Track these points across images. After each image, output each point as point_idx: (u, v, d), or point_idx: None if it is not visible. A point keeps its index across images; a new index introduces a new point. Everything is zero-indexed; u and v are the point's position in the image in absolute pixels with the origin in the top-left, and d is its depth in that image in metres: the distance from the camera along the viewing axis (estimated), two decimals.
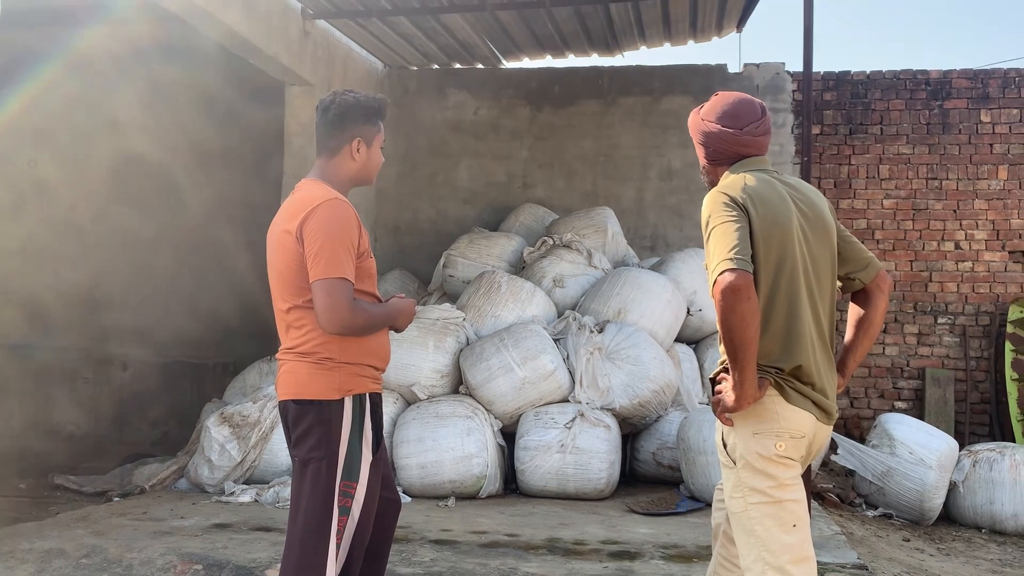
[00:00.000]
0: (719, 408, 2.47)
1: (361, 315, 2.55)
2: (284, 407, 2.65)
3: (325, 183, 2.67)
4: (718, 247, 2.38)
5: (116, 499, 5.73)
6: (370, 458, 2.60)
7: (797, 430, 2.45)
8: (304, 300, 2.58)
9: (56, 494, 6.26)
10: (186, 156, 8.21)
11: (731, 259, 2.33)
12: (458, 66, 8.43)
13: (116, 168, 8.29)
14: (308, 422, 2.57)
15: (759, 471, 2.43)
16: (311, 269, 2.52)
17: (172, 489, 5.87)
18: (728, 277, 2.32)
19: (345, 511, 2.55)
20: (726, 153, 2.61)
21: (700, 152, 2.70)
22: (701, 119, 2.66)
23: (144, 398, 8.05)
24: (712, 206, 2.47)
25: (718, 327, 2.41)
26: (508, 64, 8.37)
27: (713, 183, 2.65)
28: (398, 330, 2.74)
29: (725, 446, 2.51)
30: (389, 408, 5.83)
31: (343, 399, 2.57)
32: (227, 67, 7.36)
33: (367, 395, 2.63)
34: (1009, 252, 7.83)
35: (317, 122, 2.73)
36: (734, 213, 2.42)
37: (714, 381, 2.56)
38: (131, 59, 8.00)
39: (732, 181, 2.54)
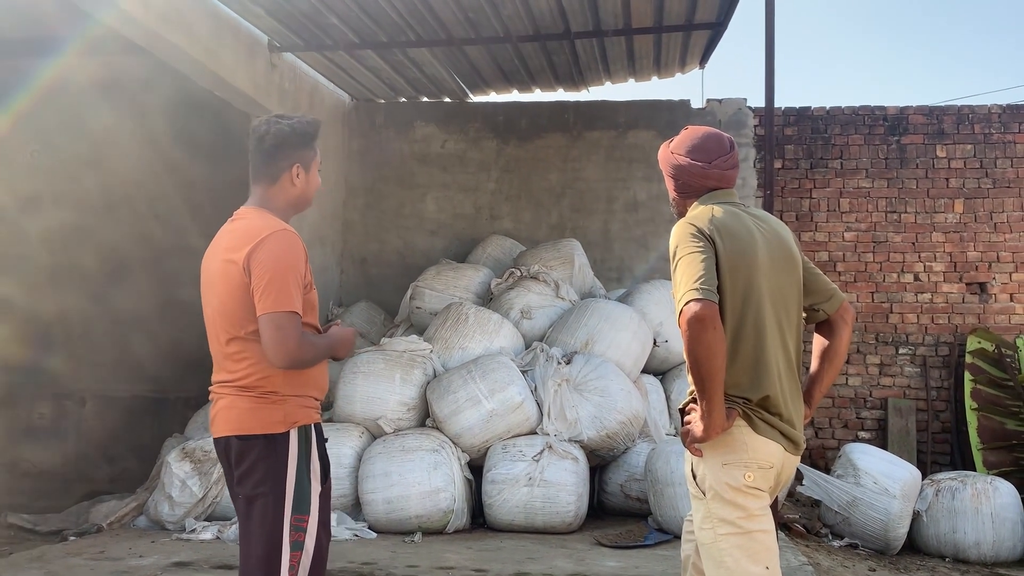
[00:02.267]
0: (688, 439, 2.48)
1: (308, 349, 2.52)
2: (225, 443, 2.57)
3: (267, 211, 2.64)
4: (684, 277, 2.41)
5: (72, 538, 5.57)
6: (319, 489, 2.57)
7: (766, 460, 2.46)
8: (246, 332, 2.52)
9: (10, 533, 6.08)
10: (148, 188, 8.13)
11: (697, 289, 2.36)
12: (425, 99, 8.48)
13: (77, 201, 8.18)
14: (253, 457, 2.51)
15: (728, 502, 2.43)
16: (259, 302, 2.46)
17: (131, 527, 5.73)
18: (694, 307, 2.34)
19: (298, 546, 2.49)
20: (695, 186, 2.66)
21: (670, 184, 2.74)
22: (671, 152, 2.70)
23: (103, 434, 7.87)
24: (679, 237, 2.50)
25: (685, 357, 2.42)
26: (475, 98, 8.44)
27: (681, 214, 2.69)
28: (338, 359, 2.73)
29: (695, 477, 2.51)
30: (354, 442, 5.77)
31: (288, 432, 2.53)
32: (193, 98, 7.33)
33: (311, 426, 2.59)
34: (966, 284, 7.99)
35: (252, 150, 2.69)
36: (701, 244, 2.45)
37: (683, 412, 2.56)
38: (95, 92, 7.94)
39: (700, 213, 2.57)
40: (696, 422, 2.44)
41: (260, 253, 2.49)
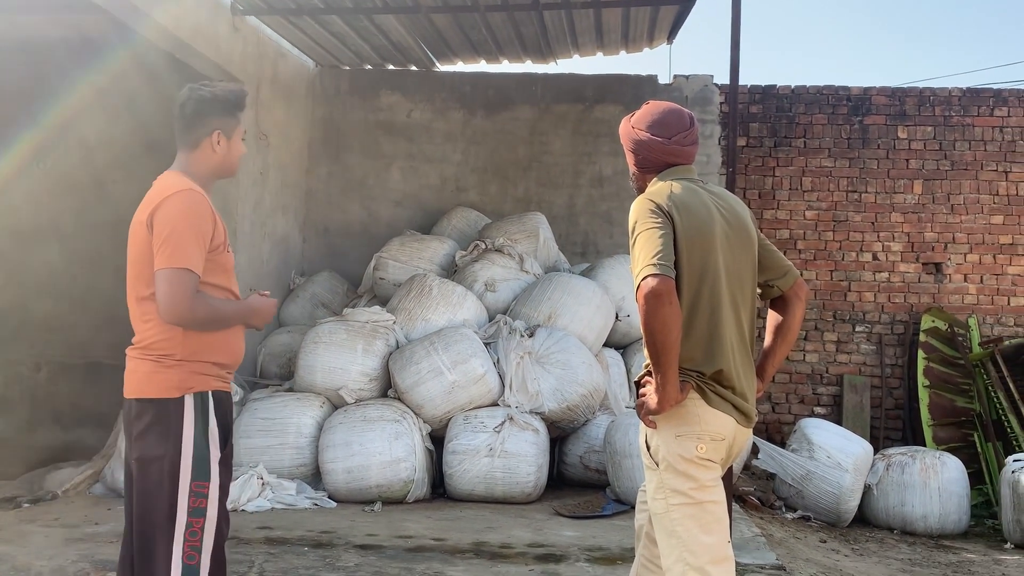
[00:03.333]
0: (643, 410, 2.51)
1: (202, 308, 2.49)
2: (127, 405, 2.58)
3: (185, 176, 2.65)
4: (642, 253, 2.43)
5: (26, 505, 5.49)
6: (219, 456, 2.53)
7: (718, 433, 2.51)
8: (150, 292, 2.53)
9: None
10: (105, 152, 7.95)
11: (654, 264, 2.38)
12: (391, 67, 8.38)
13: (28, 161, 7.97)
14: (146, 421, 2.50)
15: (680, 473, 2.47)
16: (156, 258, 2.48)
17: (87, 494, 5.67)
18: (651, 282, 2.37)
19: (199, 512, 2.46)
20: (654, 161, 2.67)
21: (630, 159, 2.75)
22: (632, 127, 2.70)
23: (58, 400, 7.75)
24: (638, 212, 2.52)
25: (641, 331, 2.45)
26: (442, 67, 8.35)
27: (641, 189, 2.70)
28: (256, 328, 2.71)
29: (648, 448, 2.55)
30: (315, 412, 5.75)
31: (183, 397, 2.49)
32: (155, 63, 7.16)
33: (209, 392, 2.54)
34: (923, 264, 8.15)
35: (175, 116, 2.70)
36: (659, 220, 2.47)
37: (638, 384, 2.60)
38: (54, 53, 7.72)
39: (658, 188, 2.59)
40: (651, 394, 2.47)
41: (161, 212, 2.51)
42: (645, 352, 2.54)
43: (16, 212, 8.08)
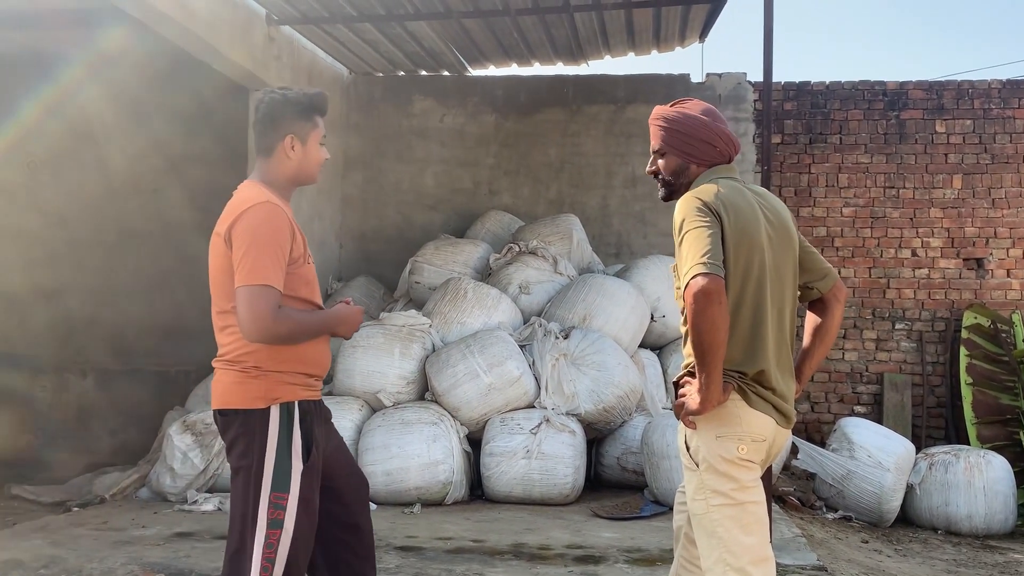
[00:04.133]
0: (683, 411, 2.50)
1: (285, 323, 2.46)
2: (215, 416, 2.59)
3: (264, 185, 2.61)
4: (691, 251, 2.41)
5: (75, 509, 5.64)
6: (300, 468, 2.49)
7: (759, 434, 2.50)
8: (232, 305, 2.51)
9: (13, 504, 6.15)
10: (150, 160, 8.12)
11: (704, 263, 2.36)
12: (424, 73, 8.44)
13: (76, 172, 8.17)
14: (234, 432, 2.51)
15: (722, 474, 2.46)
16: (236, 274, 2.45)
17: (133, 498, 5.80)
18: (700, 281, 2.35)
19: (277, 524, 2.44)
20: (706, 153, 2.63)
21: (681, 145, 2.64)
22: (690, 114, 2.64)
23: (104, 406, 7.92)
24: (686, 210, 2.50)
25: (687, 330, 2.44)
26: (474, 72, 8.40)
27: (674, 186, 2.67)
28: (343, 337, 2.67)
29: (688, 449, 2.54)
30: (354, 415, 5.82)
31: (268, 408, 2.48)
32: (194, 70, 7.29)
33: (295, 403, 2.52)
34: (963, 259, 8.02)
35: (252, 122, 2.69)
36: (707, 219, 2.46)
37: (677, 385, 2.59)
38: (96, 63, 7.90)
39: (705, 188, 2.57)
40: (693, 395, 2.46)
41: (239, 226, 2.48)
42: (685, 352, 2.53)
43: (65, 222, 8.29)
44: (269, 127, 2.62)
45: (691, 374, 2.49)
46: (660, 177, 2.71)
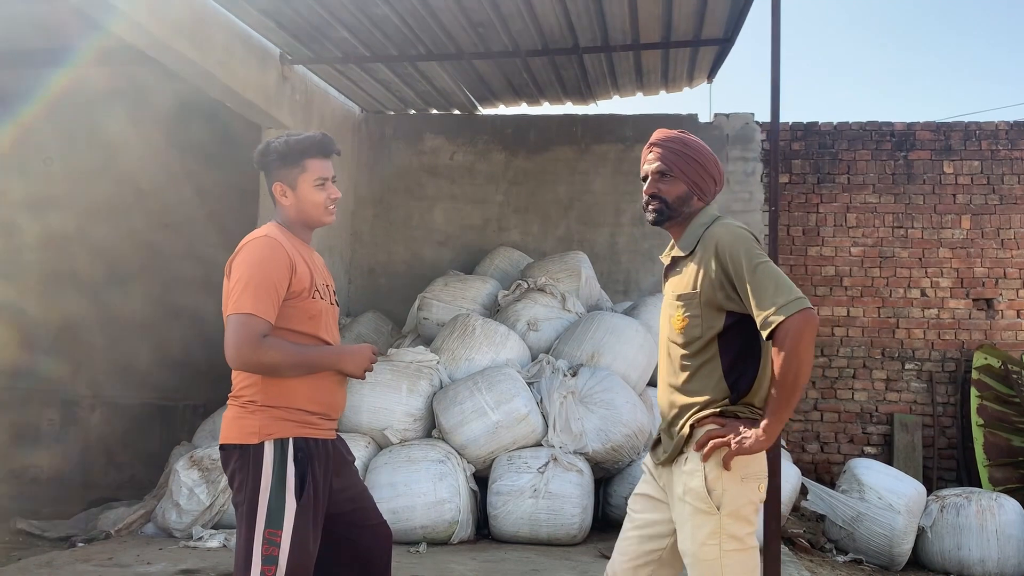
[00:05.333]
0: (732, 453, 2.39)
1: (270, 353, 2.46)
2: (219, 450, 2.63)
3: (279, 225, 2.71)
4: (781, 283, 2.38)
5: (80, 544, 5.61)
6: (294, 505, 2.47)
7: (765, 471, 2.50)
8: None
9: (19, 539, 6.12)
10: (158, 196, 8.21)
11: (804, 297, 2.35)
12: (435, 112, 8.54)
13: (86, 208, 8.27)
14: (231, 467, 2.54)
15: (743, 518, 2.41)
16: (227, 305, 2.53)
17: (139, 534, 5.77)
18: (810, 315, 2.33)
19: (271, 560, 2.44)
20: (710, 189, 2.67)
21: (702, 184, 2.63)
22: (707, 148, 2.69)
23: (111, 441, 7.94)
24: (748, 241, 2.49)
25: (781, 365, 2.32)
26: (484, 111, 8.50)
27: (680, 215, 2.64)
28: (351, 375, 2.64)
29: (710, 493, 2.43)
30: (360, 452, 5.80)
31: (262, 443, 2.49)
32: (206, 109, 7.41)
33: (290, 440, 2.51)
34: (973, 300, 8.00)
35: None
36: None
37: (692, 426, 2.50)
38: (108, 100, 8.03)
39: (733, 223, 2.59)
40: (746, 434, 2.38)
41: (235, 261, 2.58)
42: (697, 389, 2.49)
43: (77, 255, 8.35)
44: (265, 176, 2.76)
45: (721, 414, 2.45)
46: (659, 199, 2.63)
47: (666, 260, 2.73)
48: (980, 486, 7.26)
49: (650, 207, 2.66)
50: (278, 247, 2.56)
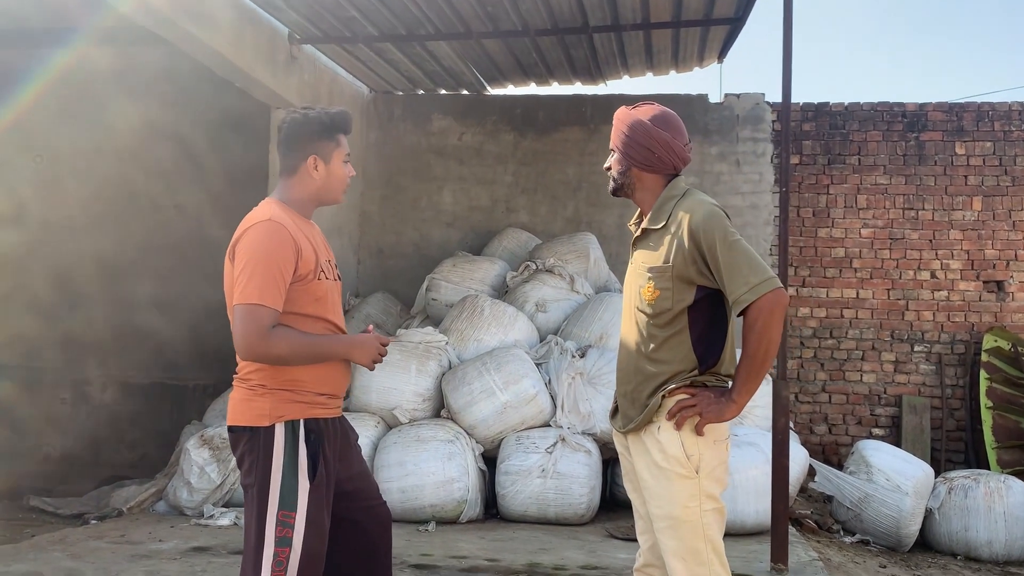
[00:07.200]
0: (703, 420, 2.51)
1: (279, 344, 2.44)
2: (228, 432, 2.60)
3: (282, 203, 2.61)
4: (754, 262, 2.46)
5: (93, 522, 5.68)
6: (308, 486, 2.46)
7: (729, 433, 2.65)
8: None
9: (32, 516, 6.20)
10: (168, 178, 8.22)
11: (775, 277, 2.45)
12: (443, 92, 8.51)
13: (97, 187, 8.28)
14: (241, 449, 2.51)
15: (718, 479, 2.55)
16: (234, 292, 2.47)
17: (150, 512, 5.83)
18: (781, 295, 2.44)
19: (285, 542, 2.42)
20: (667, 164, 2.68)
21: (638, 155, 2.68)
22: (653, 125, 2.67)
23: (122, 419, 8.00)
24: (720, 219, 2.54)
25: (751, 341, 2.45)
26: (493, 91, 8.46)
27: (624, 187, 2.73)
28: (363, 365, 2.61)
29: (688, 458, 2.53)
30: (370, 432, 5.83)
31: (273, 426, 2.47)
32: (215, 89, 7.39)
33: (300, 421, 2.49)
34: (983, 282, 7.96)
35: (276, 142, 2.70)
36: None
37: (664, 395, 2.57)
38: (117, 81, 8.02)
39: (703, 197, 2.64)
40: (713, 404, 2.50)
41: (239, 246, 2.50)
42: (671, 359, 2.56)
43: (86, 236, 8.38)
44: (292, 147, 2.62)
45: (690, 385, 2.55)
46: (610, 172, 2.79)
47: (634, 230, 2.80)
48: (988, 468, 7.26)
49: (609, 180, 2.82)
50: (282, 230, 2.50)
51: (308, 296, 2.53)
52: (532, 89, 8.42)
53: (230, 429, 2.55)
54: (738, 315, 2.49)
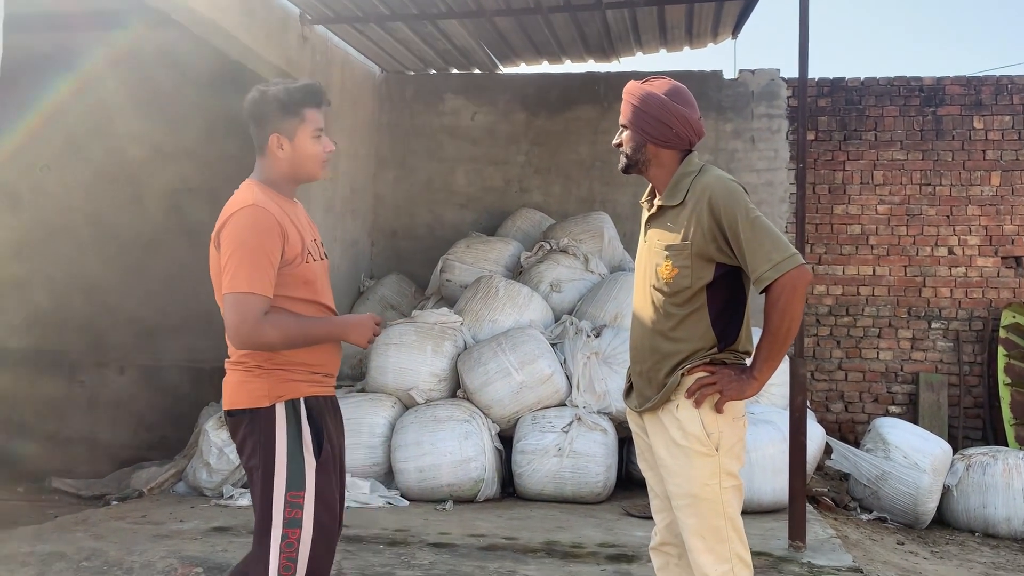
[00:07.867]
0: (724, 398, 2.51)
1: (272, 331, 2.39)
2: (225, 418, 2.56)
3: (261, 184, 2.56)
4: (776, 238, 2.46)
5: (114, 502, 5.74)
6: (314, 464, 2.43)
7: (745, 410, 2.66)
8: None
9: (54, 498, 6.28)
10: (182, 160, 8.22)
11: (797, 254, 2.44)
12: (455, 71, 8.47)
13: (112, 171, 8.30)
14: (242, 432, 2.47)
15: (736, 456, 2.56)
16: (223, 281, 2.43)
17: (170, 493, 5.88)
18: (805, 271, 2.44)
19: (295, 523, 2.39)
20: (684, 139, 2.65)
21: (654, 130, 2.63)
22: (669, 100, 2.62)
23: (142, 401, 8.05)
24: (741, 196, 2.53)
25: (775, 318, 2.43)
26: (505, 70, 8.41)
27: (637, 163, 2.70)
28: (358, 345, 2.57)
29: (708, 436, 2.52)
30: (387, 412, 5.86)
31: (274, 406, 2.43)
32: (225, 70, 7.37)
33: (301, 399, 2.46)
34: (1002, 258, 7.88)
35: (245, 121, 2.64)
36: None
37: (682, 374, 2.55)
38: (128, 64, 8.01)
39: (720, 173, 2.62)
40: (734, 381, 2.50)
41: (224, 232, 2.45)
42: (689, 337, 2.54)
43: (100, 219, 8.41)
44: (256, 126, 2.56)
45: (710, 363, 2.54)
46: (621, 150, 2.73)
47: (647, 207, 2.78)
48: (1006, 445, 7.23)
49: (620, 157, 2.76)
50: (266, 215, 2.45)
51: (297, 279, 2.50)
52: (545, 68, 8.36)
53: (228, 413, 2.50)
54: (760, 292, 2.47)
